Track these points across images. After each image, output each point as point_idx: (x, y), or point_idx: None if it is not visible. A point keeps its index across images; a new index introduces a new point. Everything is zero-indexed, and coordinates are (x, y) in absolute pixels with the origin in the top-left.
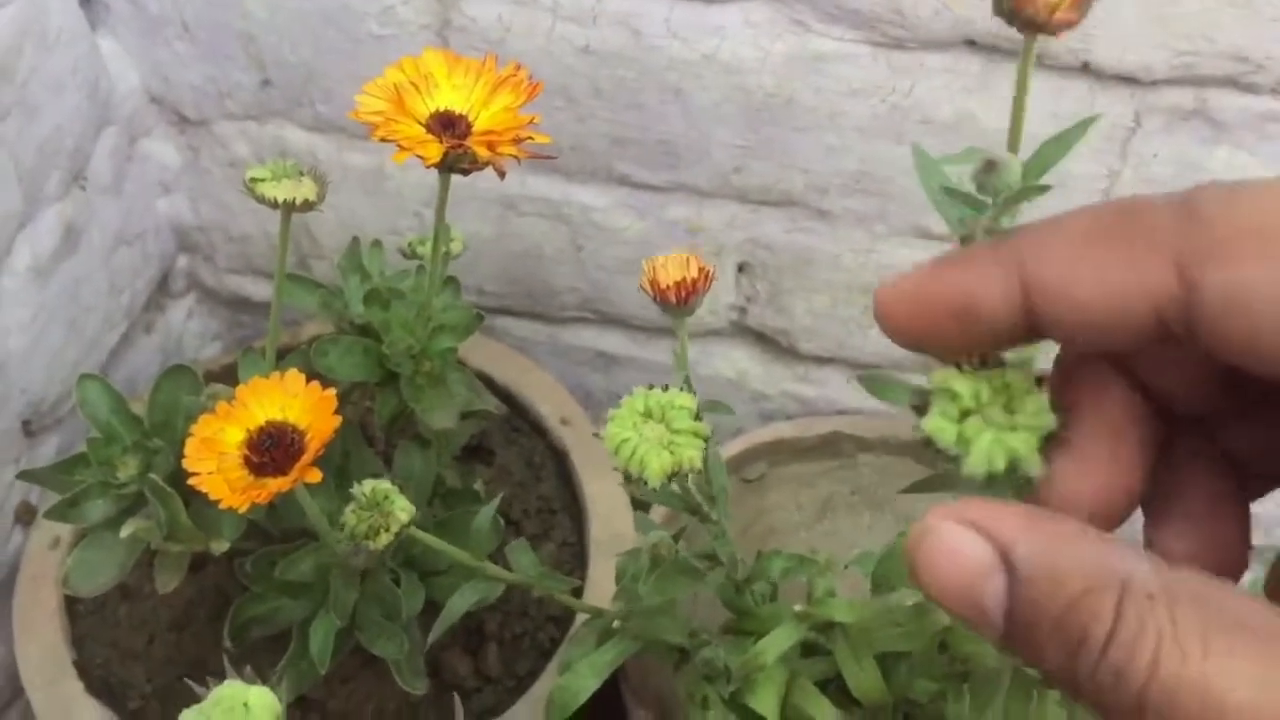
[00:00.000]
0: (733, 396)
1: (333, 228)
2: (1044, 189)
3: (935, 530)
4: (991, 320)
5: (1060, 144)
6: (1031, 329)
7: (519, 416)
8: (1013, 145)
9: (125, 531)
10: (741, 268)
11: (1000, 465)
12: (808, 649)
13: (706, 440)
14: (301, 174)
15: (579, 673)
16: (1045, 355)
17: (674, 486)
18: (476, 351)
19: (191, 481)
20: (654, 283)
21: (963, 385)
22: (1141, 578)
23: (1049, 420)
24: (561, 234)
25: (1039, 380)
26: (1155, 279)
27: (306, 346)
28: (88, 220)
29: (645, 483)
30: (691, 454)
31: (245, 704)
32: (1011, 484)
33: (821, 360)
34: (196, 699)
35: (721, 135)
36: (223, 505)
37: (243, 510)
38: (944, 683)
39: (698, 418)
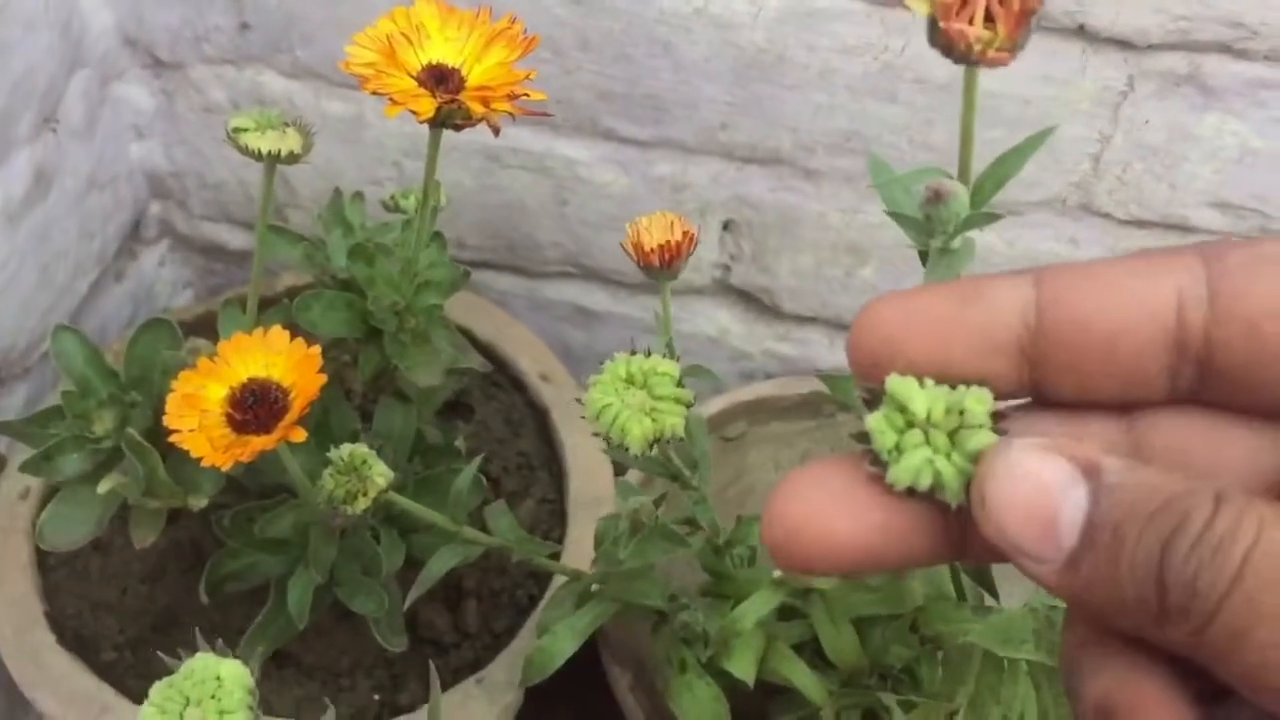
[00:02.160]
0: (714, 355)
1: (311, 177)
2: (995, 217)
3: (1008, 453)
4: (992, 320)
5: (1017, 156)
6: (1035, 364)
7: (499, 372)
8: (963, 174)
9: (103, 488)
10: (726, 225)
11: (925, 484)
12: (785, 613)
13: (689, 407)
14: (286, 125)
15: (557, 635)
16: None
17: (655, 453)
18: (456, 305)
19: (173, 439)
20: (637, 245)
21: (919, 400)
22: (1234, 490)
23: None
24: (545, 188)
25: (996, 416)
26: (1177, 265)
27: (287, 300)
28: (59, 164)
29: (626, 449)
30: (673, 421)
31: (218, 677)
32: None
33: (803, 320)
34: (170, 649)
35: (710, 91)
36: (205, 463)
37: (224, 468)
38: (918, 650)
39: (680, 384)
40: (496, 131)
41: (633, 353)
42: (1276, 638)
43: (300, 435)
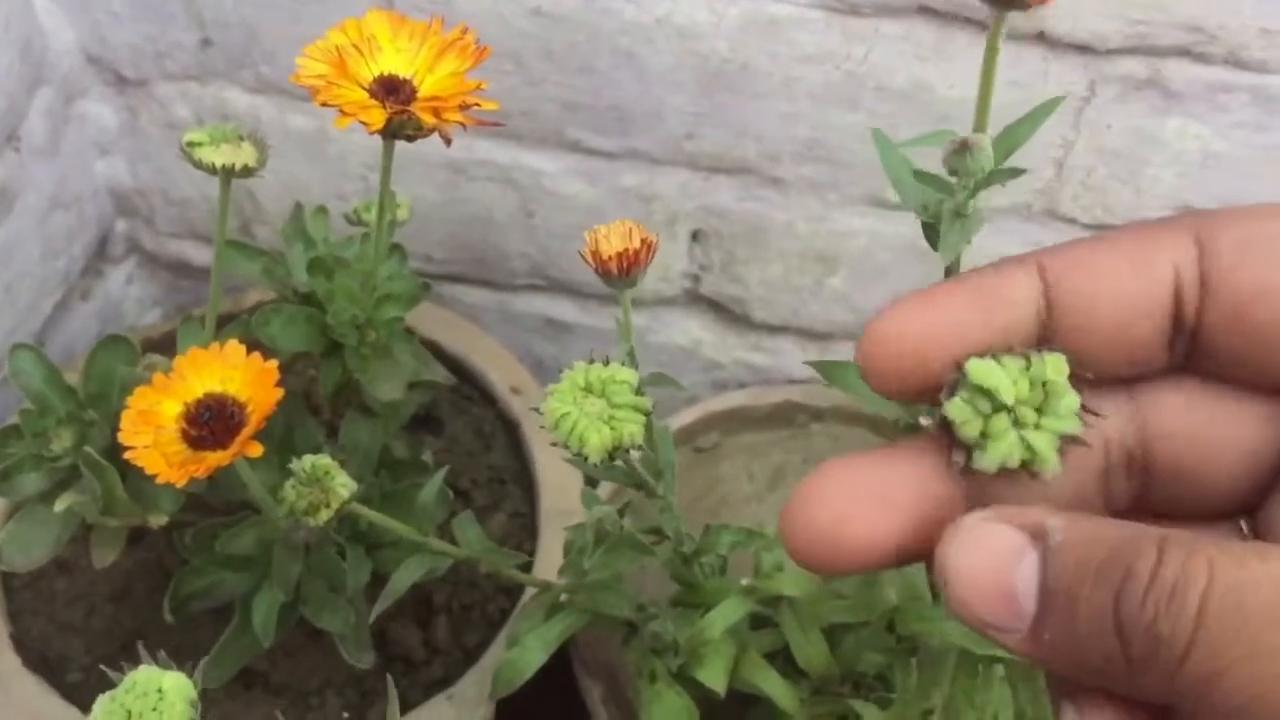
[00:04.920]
0: (685, 365)
1: (276, 192)
2: (1018, 172)
3: (963, 529)
4: (1013, 316)
5: (1028, 123)
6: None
7: (468, 385)
8: (980, 124)
9: (60, 506)
10: (695, 236)
11: (1016, 462)
12: (756, 622)
13: (648, 415)
14: (241, 138)
15: (527, 646)
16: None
17: (617, 462)
18: (425, 319)
19: (128, 455)
20: (595, 253)
21: (1003, 381)
22: (1178, 534)
23: (1074, 424)
24: (512, 200)
25: (1073, 379)
26: (1171, 244)
27: (248, 315)
28: (22, 183)
29: (585, 458)
30: (632, 429)
31: (159, 689)
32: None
33: (775, 329)
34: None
35: (675, 101)
36: (160, 480)
37: (181, 485)
38: (891, 656)
39: (639, 392)
40: (448, 142)
41: (591, 361)
42: (1252, 678)
43: (256, 450)
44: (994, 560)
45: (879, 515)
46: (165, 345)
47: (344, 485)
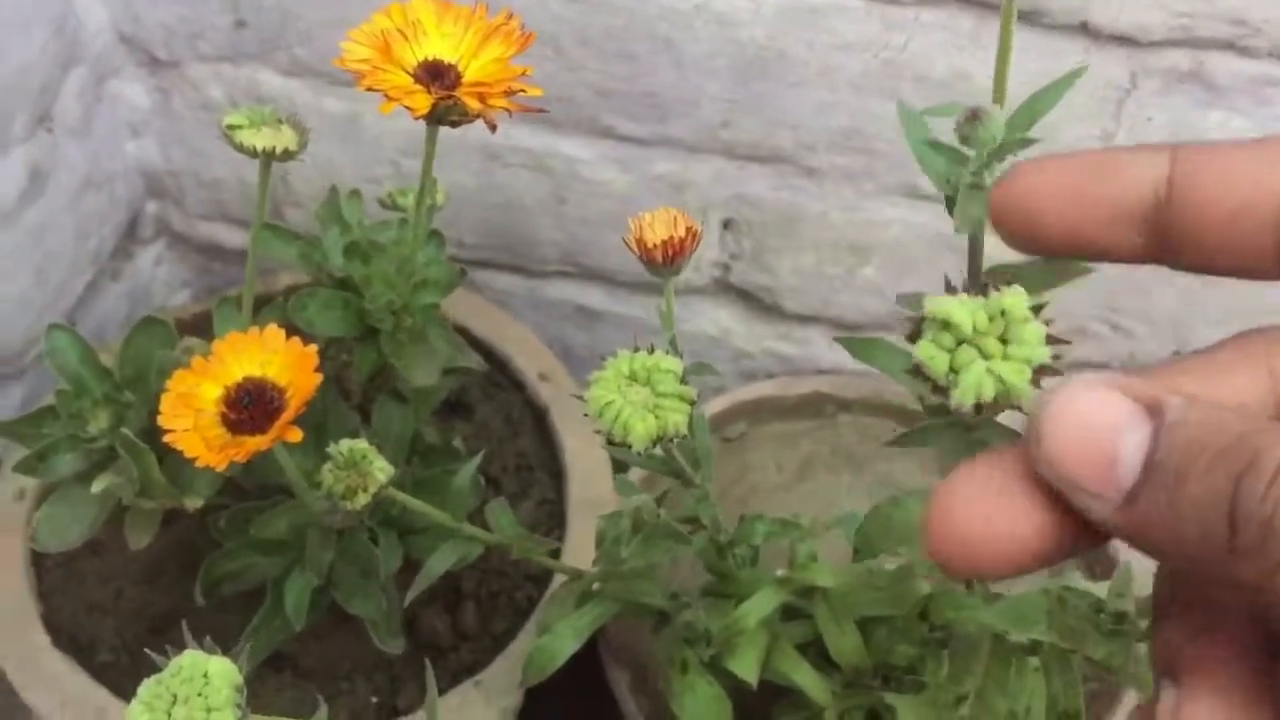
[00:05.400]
0: (714, 354)
1: (308, 175)
2: (1029, 141)
3: (1069, 389)
4: (1124, 192)
5: (1050, 95)
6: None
7: (498, 371)
8: (997, 96)
9: (97, 487)
10: (726, 224)
11: (989, 395)
12: (788, 612)
13: (692, 404)
14: (281, 121)
15: (558, 634)
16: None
17: (658, 450)
18: (455, 304)
19: (167, 439)
20: (640, 241)
21: (959, 312)
22: None
23: (1043, 353)
24: (544, 186)
25: (1036, 309)
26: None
27: (283, 299)
28: (54, 163)
29: (629, 447)
30: (677, 419)
31: (205, 674)
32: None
33: (804, 319)
34: (166, 651)
35: (711, 89)
36: (199, 463)
37: (222, 469)
38: (923, 648)
39: (683, 381)
40: (493, 128)
41: (635, 350)
42: None
43: (296, 435)
44: (1099, 424)
45: (1026, 514)
46: (197, 327)
47: (382, 470)
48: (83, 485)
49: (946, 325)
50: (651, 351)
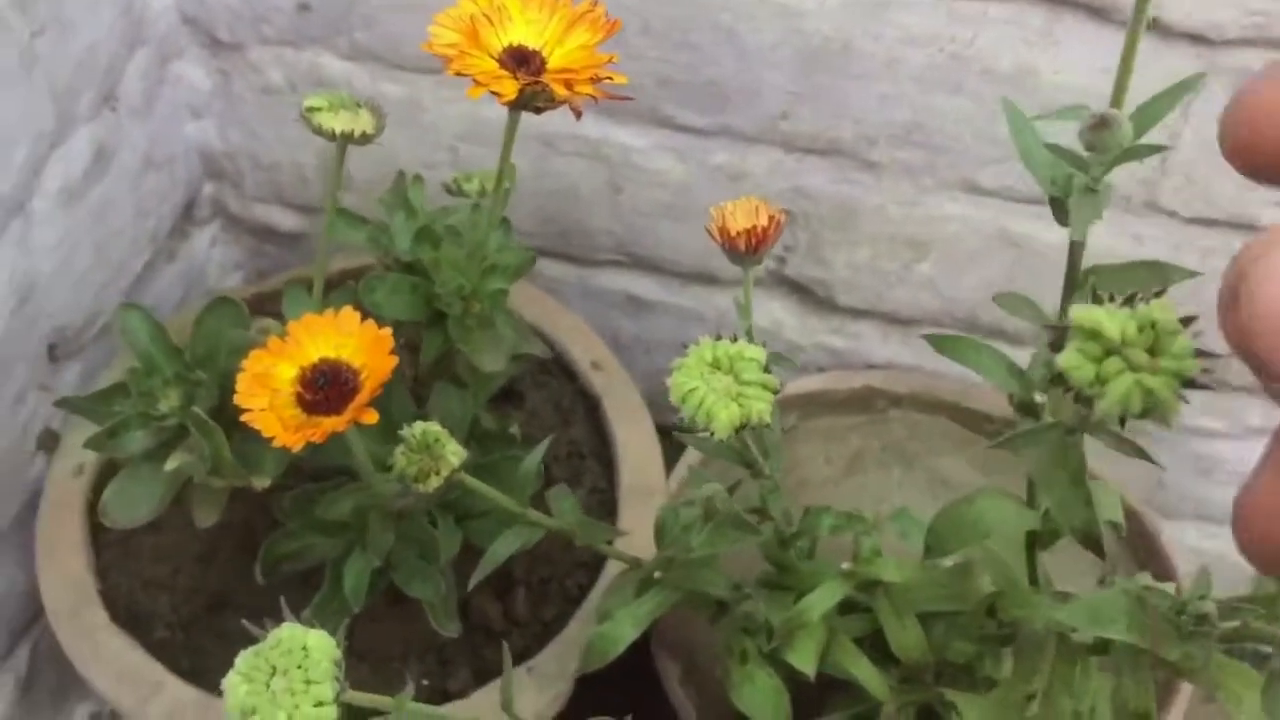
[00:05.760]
0: (766, 347)
1: (364, 160)
2: (1157, 149)
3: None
4: None
5: (1165, 99)
6: None
7: (549, 360)
8: (1118, 101)
9: (171, 465)
10: None
11: (1137, 407)
12: (845, 606)
13: (776, 393)
14: (359, 105)
15: (619, 621)
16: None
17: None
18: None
19: (244, 418)
20: (723, 229)
21: (1108, 323)
22: None
23: (1192, 365)
24: (600, 175)
25: (1185, 321)
26: None
27: (354, 282)
28: (118, 142)
29: (711, 434)
30: (760, 407)
31: (304, 647)
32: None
33: (857, 313)
34: (222, 629)
35: (772, 79)
36: (276, 443)
37: (296, 449)
38: (981, 645)
39: (766, 370)
40: (578, 115)
41: (718, 337)
42: None
43: (372, 417)
44: None
45: None
46: (253, 308)
47: (454, 453)
48: (152, 462)
49: (1094, 335)
50: (735, 340)
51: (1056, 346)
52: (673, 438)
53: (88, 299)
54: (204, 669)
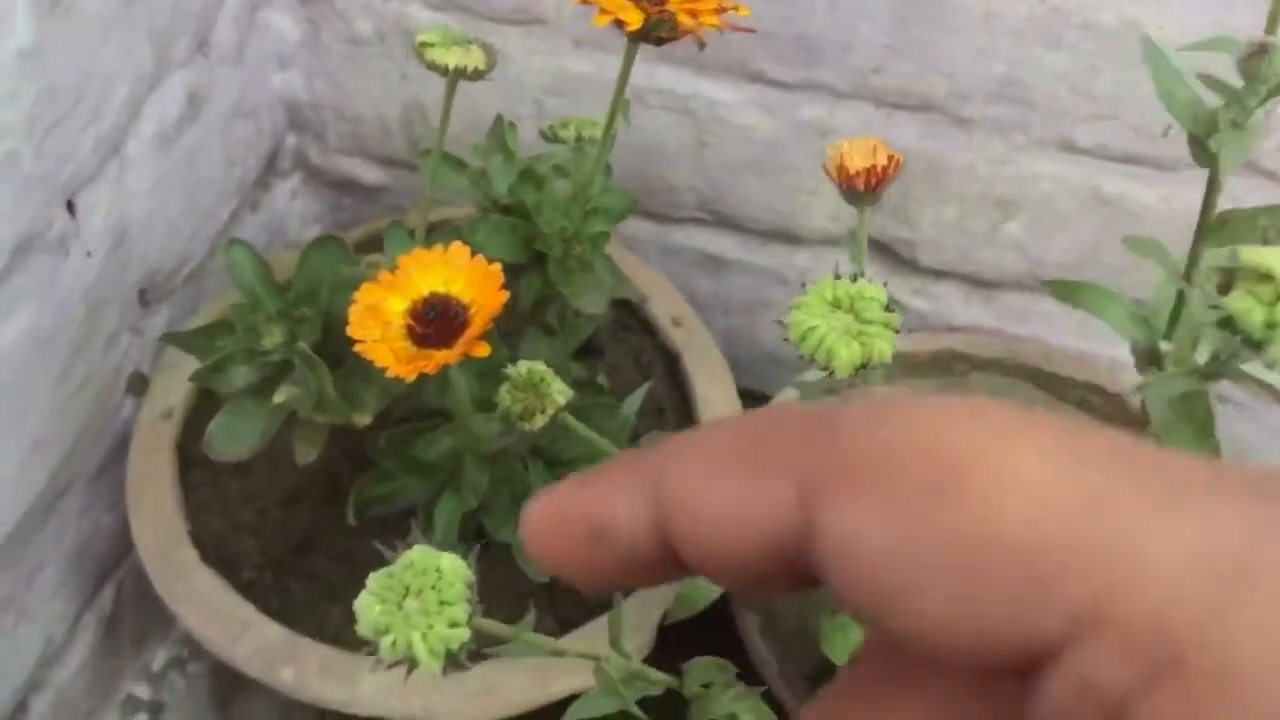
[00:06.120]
0: None
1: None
2: None
3: None
4: (629, 544)
5: None
6: (676, 559)
7: (629, 315)
8: (1272, 28)
9: (280, 397)
10: None
11: None
12: None
13: (897, 332)
14: (470, 42)
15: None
16: None
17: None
18: None
19: (357, 348)
20: (841, 168)
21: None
22: None
23: None
24: (686, 130)
25: None
26: (777, 507)
27: (460, 224)
28: (209, 89)
29: (831, 373)
30: (882, 346)
31: (438, 569)
32: None
33: (940, 274)
34: (308, 572)
35: (866, 32)
36: (389, 374)
37: (410, 380)
38: None
39: (888, 309)
40: (702, 46)
41: (837, 277)
42: None
43: (484, 350)
44: None
45: None
46: None
47: (560, 392)
48: (255, 398)
49: (1266, 277)
50: (855, 279)
51: (1224, 289)
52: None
53: (178, 245)
54: (291, 610)
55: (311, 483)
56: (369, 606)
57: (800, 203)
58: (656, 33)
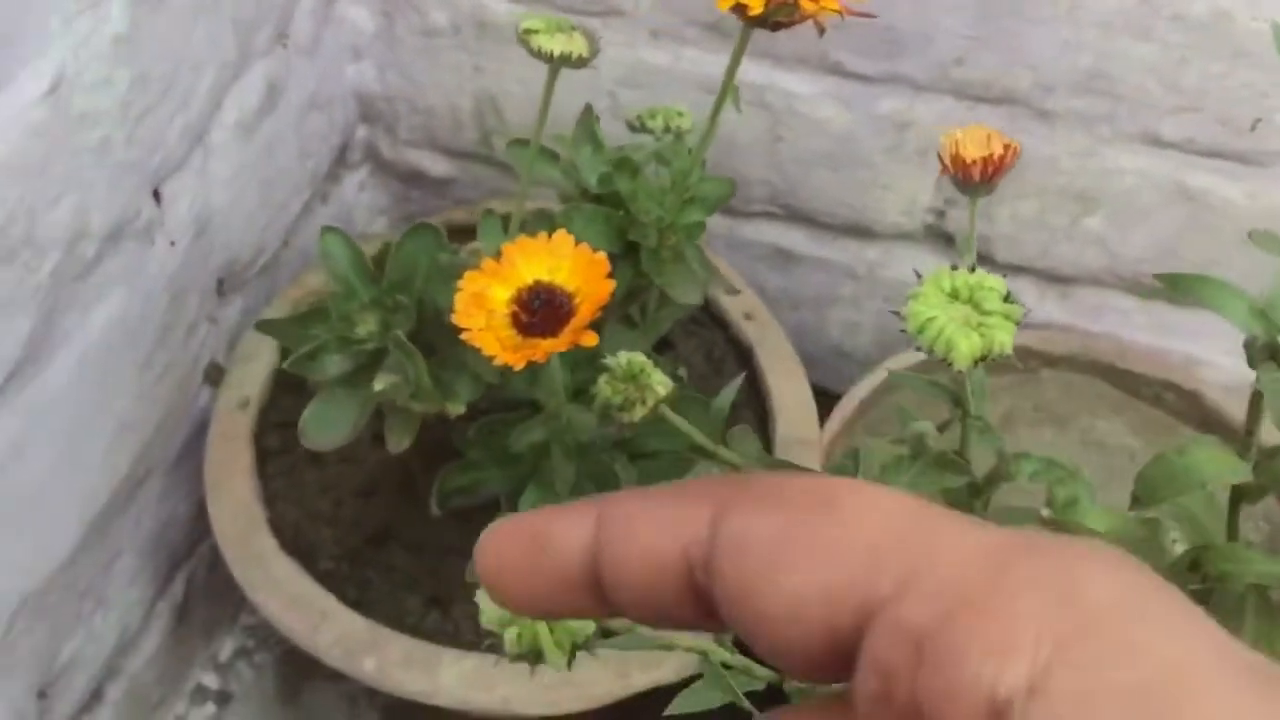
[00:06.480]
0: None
1: (521, 104)
2: None
3: None
4: (563, 557)
5: None
6: (600, 591)
7: (700, 309)
8: None
9: (379, 385)
10: None
11: None
12: None
13: (1018, 324)
14: (573, 29)
15: None
16: None
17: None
18: None
19: (463, 336)
20: (955, 158)
21: None
22: None
23: None
24: (761, 122)
25: None
26: (692, 524)
27: (558, 212)
28: (287, 80)
29: (950, 364)
30: (1003, 338)
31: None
32: None
33: (1015, 269)
34: (385, 564)
35: (949, 24)
36: (496, 362)
37: (518, 368)
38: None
39: (1008, 300)
40: (821, 31)
41: (954, 268)
42: None
43: (592, 340)
44: None
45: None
46: None
47: (661, 383)
48: (348, 386)
49: None
50: (973, 270)
51: None
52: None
53: (254, 235)
54: (369, 600)
55: (385, 475)
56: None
57: (874, 197)
58: (776, 17)
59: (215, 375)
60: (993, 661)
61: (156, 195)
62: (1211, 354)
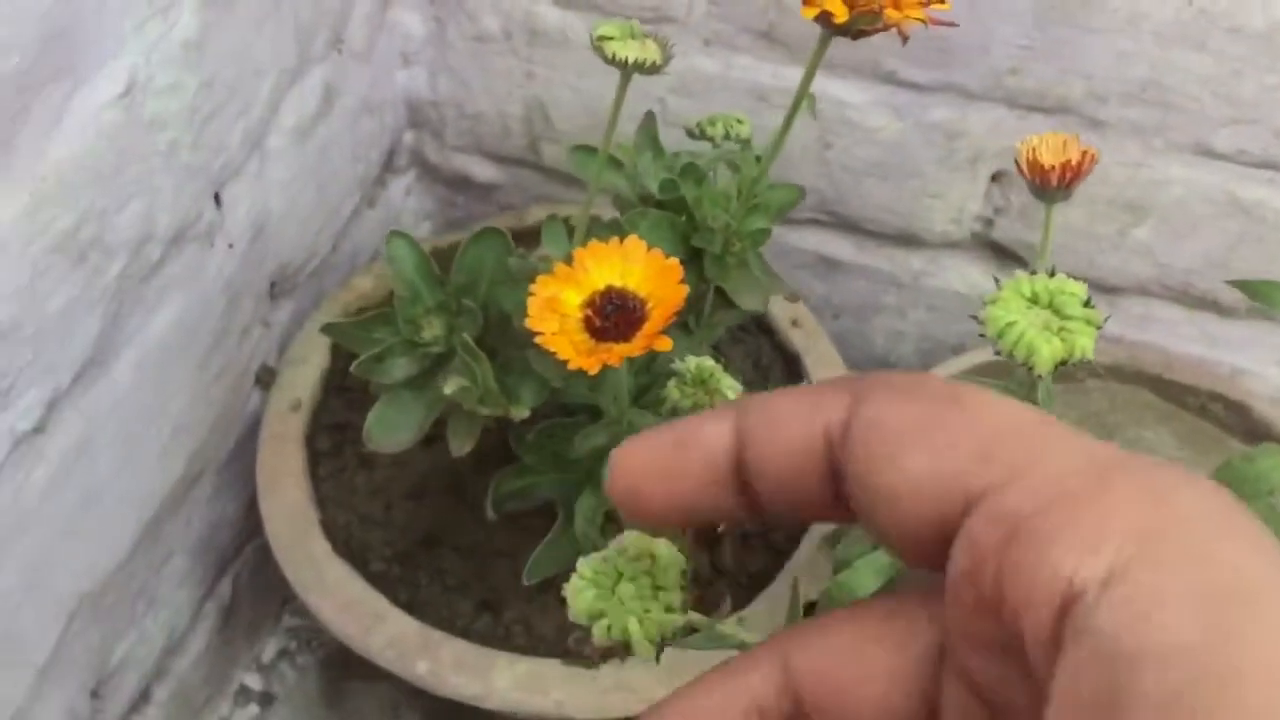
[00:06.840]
0: (959, 312)
1: (570, 111)
2: None
3: None
4: (709, 453)
5: None
6: (742, 487)
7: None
8: None
9: (449, 389)
10: (995, 177)
11: None
12: None
13: (1099, 328)
14: (646, 36)
15: (858, 571)
16: None
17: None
18: None
19: (538, 340)
20: (1033, 164)
21: None
22: None
23: None
24: (810, 130)
25: None
26: (832, 409)
27: (616, 220)
28: (342, 84)
29: (1031, 369)
30: (1084, 342)
31: (652, 555)
32: None
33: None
34: (436, 566)
35: (1005, 32)
36: (570, 366)
37: (593, 373)
38: None
39: (1088, 304)
40: (905, 39)
41: (1033, 273)
42: None
43: (666, 344)
44: None
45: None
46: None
47: (730, 388)
48: (413, 389)
49: None
50: (1052, 274)
51: None
52: None
53: (308, 238)
54: (420, 602)
55: (435, 478)
56: (582, 591)
57: (923, 205)
58: (859, 25)
59: (267, 378)
60: (1075, 552)
61: (217, 199)
62: (1259, 365)
